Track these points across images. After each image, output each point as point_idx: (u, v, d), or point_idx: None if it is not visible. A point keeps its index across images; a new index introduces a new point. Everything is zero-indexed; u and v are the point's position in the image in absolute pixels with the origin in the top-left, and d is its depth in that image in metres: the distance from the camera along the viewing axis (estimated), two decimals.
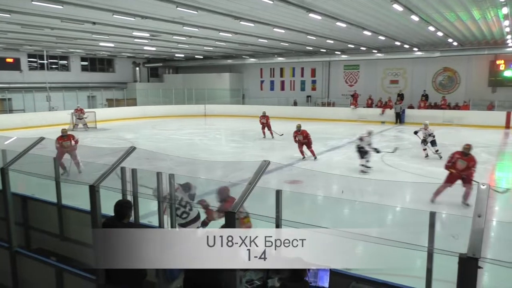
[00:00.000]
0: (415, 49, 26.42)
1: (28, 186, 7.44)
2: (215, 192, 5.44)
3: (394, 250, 3.04)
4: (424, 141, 14.22)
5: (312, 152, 14.33)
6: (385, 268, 5.65)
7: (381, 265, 5.73)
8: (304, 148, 14.40)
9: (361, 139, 12.36)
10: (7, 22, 16.73)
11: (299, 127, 14.68)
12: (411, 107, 27.06)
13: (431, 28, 18.59)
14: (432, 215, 3.05)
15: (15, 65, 28.80)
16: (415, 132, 14.71)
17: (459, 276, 2.41)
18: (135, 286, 3.84)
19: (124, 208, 4.14)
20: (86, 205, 4.26)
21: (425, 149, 14.16)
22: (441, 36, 21.16)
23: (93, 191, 3.82)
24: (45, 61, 28.83)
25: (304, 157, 14.30)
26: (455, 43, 24.20)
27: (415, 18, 15.74)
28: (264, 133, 19.80)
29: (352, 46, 26.18)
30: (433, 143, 14.11)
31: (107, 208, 4.17)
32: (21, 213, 5.95)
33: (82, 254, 5.06)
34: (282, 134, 18.24)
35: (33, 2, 12.69)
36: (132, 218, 4.55)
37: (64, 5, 13.29)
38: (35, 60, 29.97)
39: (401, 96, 27.89)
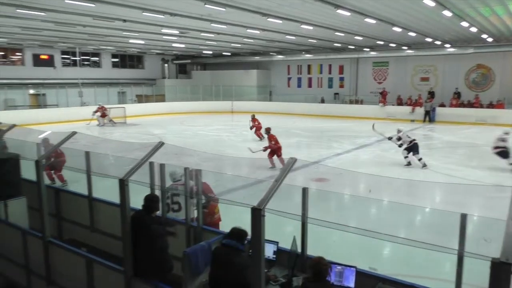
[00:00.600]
0: (447, 45, 25.65)
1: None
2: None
3: (423, 252, 2.98)
4: (407, 149, 12.73)
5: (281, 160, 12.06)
6: (412, 269, 5.55)
7: (408, 267, 5.63)
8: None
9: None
10: (42, 20, 17.29)
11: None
12: (442, 105, 26.31)
13: (464, 24, 18.01)
14: (463, 217, 2.97)
15: (50, 62, 29.76)
16: (389, 138, 13.28)
17: (491, 281, 2.33)
18: (162, 278, 3.91)
19: (153, 202, 4.23)
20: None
21: (406, 157, 12.74)
22: (475, 31, 20.46)
23: (123, 184, 3.90)
24: (77, 58, 29.63)
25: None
26: (489, 39, 23.36)
27: (447, 13, 15.28)
28: (258, 135, 18.37)
29: (381, 42, 25.68)
30: (413, 150, 12.62)
31: (135, 202, 4.26)
32: (54, 204, 6.16)
33: (111, 245, 5.19)
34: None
35: (66, 1, 13.07)
36: (159, 212, 4.65)
37: (96, 3, 13.61)
38: (68, 57, 30.85)
39: (431, 94, 27.19)
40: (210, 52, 34.18)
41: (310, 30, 19.99)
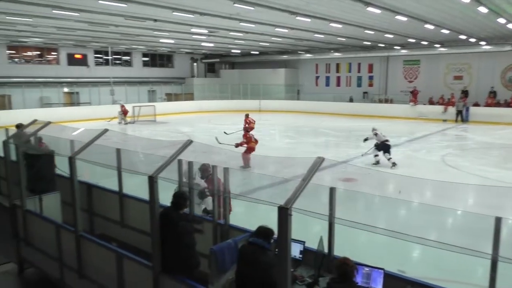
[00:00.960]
0: (482, 42, 24.77)
1: (92, 175, 7.90)
2: (199, 169, 5.75)
3: (454, 256, 2.89)
4: (377, 148, 12.65)
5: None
6: (443, 273, 5.41)
7: (439, 271, 5.49)
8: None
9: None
10: (76, 20, 17.84)
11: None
12: (476, 104, 25.44)
13: (501, 20, 17.36)
14: (498, 221, 2.87)
15: (83, 61, 30.65)
16: (365, 140, 13.18)
17: None
18: (188, 275, 3.96)
19: (181, 199, 4.28)
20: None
21: (376, 155, 12.57)
22: None
23: (152, 181, 3.97)
24: (109, 57, 30.42)
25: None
26: None
27: (483, 9, 14.76)
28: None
29: (413, 40, 25.07)
30: (384, 150, 12.45)
31: (163, 199, 4.33)
32: (86, 200, 6.34)
33: (140, 241, 5.30)
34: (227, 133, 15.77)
35: (99, 1, 13.42)
36: (187, 209, 4.71)
37: (127, 3, 13.91)
38: (101, 56, 31.67)
39: (465, 93, 26.32)
40: (239, 51, 34.33)
41: (339, 28, 19.75)
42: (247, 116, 18.03)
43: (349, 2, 13.76)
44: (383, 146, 12.42)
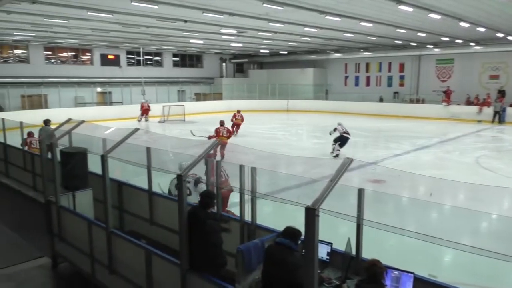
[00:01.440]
0: None
1: (123, 173, 8.09)
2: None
3: (488, 261, 2.79)
4: (335, 140, 14.05)
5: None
6: (477, 279, 5.23)
7: (472, 276, 5.31)
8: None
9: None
10: (109, 22, 18.30)
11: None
12: None
13: None
14: None
15: (115, 61, 31.45)
16: (330, 133, 14.51)
17: None
18: (215, 273, 3.99)
19: (209, 198, 4.32)
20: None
21: (336, 149, 13.82)
22: None
23: (181, 180, 4.02)
24: (141, 58, 31.07)
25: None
26: None
27: None
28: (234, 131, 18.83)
29: (446, 39, 24.36)
30: (342, 142, 13.91)
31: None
32: (117, 197, 6.48)
33: (168, 239, 5.38)
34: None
35: (132, 3, 13.72)
36: (215, 208, 4.75)
37: (159, 4, 14.17)
38: (133, 56, 32.39)
39: (502, 93, 25.33)
40: (267, 51, 34.34)
41: (370, 27, 19.43)
42: (238, 111, 19.74)
43: (380, 0, 13.51)
44: (340, 138, 14.01)
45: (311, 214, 2.90)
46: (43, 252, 6.45)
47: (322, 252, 4.01)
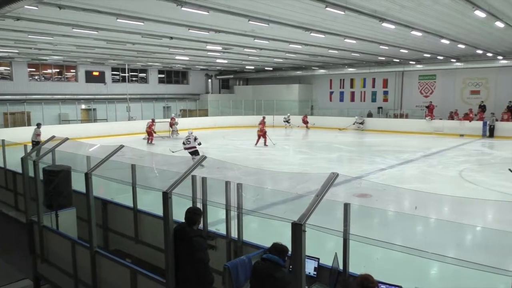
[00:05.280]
0: (499, 57, 24.50)
1: (107, 191, 7.98)
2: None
3: (473, 273, 2.81)
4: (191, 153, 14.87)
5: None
6: None
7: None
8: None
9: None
10: (95, 38, 18.27)
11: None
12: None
13: None
14: None
15: (100, 78, 31.29)
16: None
17: None
18: None
19: (195, 215, 4.28)
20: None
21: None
22: None
23: (166, 197, 3.98)
24: (126, 74, 30.99)
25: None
26: None
27: (500, 24, 14.64)
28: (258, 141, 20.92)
29: (428, 55, 24.96)
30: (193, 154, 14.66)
31: (177, 214, 4.33)
32: (101, 215, 6.38)
33: (154, 257, 5.30)
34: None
35: (118, 20, 13.73)
36: (201, 225, 4.70)
37: (145, 21, 14.22)
38: (118, 73, 32.31)
39: (482, 108, 25.94)
40: (253, 67, 34.63)
41: (354, 44, 19.80)
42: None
43: (364, 18, 13.79)
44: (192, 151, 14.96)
45: (298, 230, 2.90)
46: (25, 274, 6.27)
47: (310, 267, 3.99)
